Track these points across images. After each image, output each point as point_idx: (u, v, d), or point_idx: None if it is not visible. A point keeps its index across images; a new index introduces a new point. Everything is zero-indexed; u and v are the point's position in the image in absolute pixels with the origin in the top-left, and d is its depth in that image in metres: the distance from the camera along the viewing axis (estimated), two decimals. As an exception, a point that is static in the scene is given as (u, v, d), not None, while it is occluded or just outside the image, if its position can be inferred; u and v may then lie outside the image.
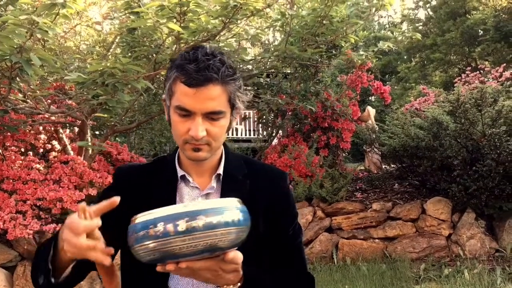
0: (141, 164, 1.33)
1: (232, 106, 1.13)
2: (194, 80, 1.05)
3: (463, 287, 4.19)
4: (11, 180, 4.58)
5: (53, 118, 5.04)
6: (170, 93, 1.11)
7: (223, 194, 1.18)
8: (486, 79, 8.31)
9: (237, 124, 12.87)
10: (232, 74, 1.10)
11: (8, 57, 3.33)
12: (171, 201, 1.18)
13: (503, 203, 4.97)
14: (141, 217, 0.87)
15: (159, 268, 0.88)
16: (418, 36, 6.85)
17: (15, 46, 3.33)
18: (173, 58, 1.14)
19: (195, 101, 1.06)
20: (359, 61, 6.12)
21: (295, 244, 1.26)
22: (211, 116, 1.08)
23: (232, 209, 0.89)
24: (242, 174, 1.23)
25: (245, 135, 13.05)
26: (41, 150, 5.30)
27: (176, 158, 1.24)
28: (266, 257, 1.19)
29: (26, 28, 3.24)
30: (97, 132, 7.17)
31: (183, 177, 1.21)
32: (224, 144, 1.26)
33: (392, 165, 7.24)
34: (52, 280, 1.07)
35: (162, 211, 0.85)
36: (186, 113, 1.08)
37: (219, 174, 1.21)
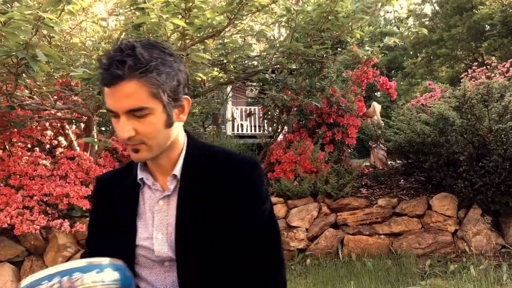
0: (118, 169, 1.31)
1: (160, 99, 1.02)
2: (105, 79, 1.00)
3: (469, 283, 4.18)
4: (18, 176, 4.62)
5: (59, 114, 5.07)
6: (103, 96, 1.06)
7: (180, 194, 1.12)
8: (492, 75, 8.26)
9: (241, 120, 12.88)
10: (144, 66, 0.99)
11: (14, 53, 3.34)
12: (134, 208, 1.15)
13: (510, 199, 4.94)
14: (23, 283, 0.90)
15: None
16: (424, 31, 6.80)
17: (21, 42, 3.34)
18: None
19: (114, 100, 1.01)
20: (365, 57, 6.09)
21: (264, 236, 1.15)
22: (134, 113, 1.01)
23: (102, 269, 0.94)
24: (204, 169, 1.14)
25: (251, 131, 13.07)
26: (48, 146, 5.33)
27: None
28: (241, 252, 1.12)
29: (32, 24, 3.25)
30: (103, 128, 7.20)
31: (142, 180, 1.16)
32: (190, 138, 1.18)
33: (398, 161, 7.22)
34: None
35: (36, 275, 0.90)
36: (114, 114, 1.03)
37: (175, 175, 1.13)
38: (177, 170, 1.13)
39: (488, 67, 9.16)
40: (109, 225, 1.18)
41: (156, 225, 1.13)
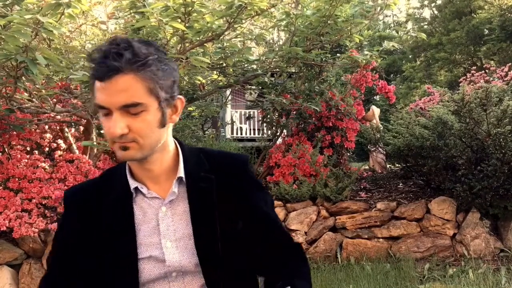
0: (89, 182, 1.22)
1: (156, 95, 0.99)
2: (100, 72, 0.95)
3: (467, 287, 4.18)
4: (16, 179, 4.62)
5: (58, 117, 5.07)
6: (92, 92, 1.00)
7: (191, 198, 1.10)
8: (491, 79, 8.28)
9: (242, 123, 12.89)
10: (142, 60, 0.97)
11: (13, 56, 3.35)
12: (130, 219, 1.08)
13: (508, 203, 4.95)
14: None
15: None
16: (423, 35, 6.83)
17: (21, 46, 3.35)
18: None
19: (106, 95, 0.95)
20: (364, 61, 6.11)
21: (272, 220, 1.21)
22: (128, 110, 0.96)
23: None
24: (205, 170, 1.13)
25: (250, 134, 13.08)
26: (47, 149, 5.33)
27: (127, 168, 1.12)
28: (256, 246, 1.15)
29: (31, 27, 3.26)
30: (102, 131, 7.19)
31: (136, 189, 1.10)
32: (179, 142, 1.16)
33: (397, 165, 7.22)
34: None
35: None
36: (105, 111, 0.98)
37: (180, 177, 1.11)
38: (181, 173, 1.11)
39: (487, 71, 9.19)
40: (97, 245, 1.08)
41: (163, 233, 1.08)
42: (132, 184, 1.10)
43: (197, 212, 1.09)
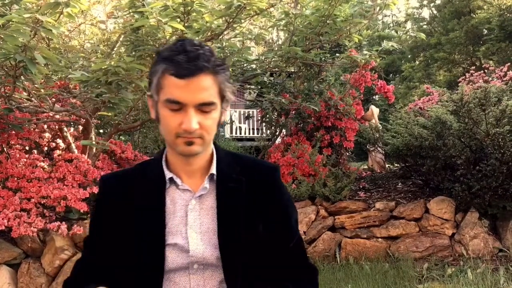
0: (125, 170, 1.29)
1: (222, 98, 1.10)
2: (185, 70, 1.02)
3: (466, 286, 4.19)
4: (15, 178, 4.61)
5: (57, 116, 5.07)
6: (158, 88, 1.07)
7: (219, 195, 1.16)
8: (490, 79, 8.28)
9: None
10: (222, 64, 1.08)
11: (12, 55, 3.35)
12: (161, 207, 1.14)
13: (507, 203, 4.95)
14: None
15: None
16: (422, 35, 6.83)
17: (20, 45, 3.35)
18: (158, 51, 1.12)
19: (187, 92, 1.03)
20: (363, 61, 6.11)
21: (295, 238, 1.23)
22: (203, 108, 1.05)
23: None
24: (236, 172, 1.19)
25: (249, 134, 13.09)
26: (46, 148, 5.32)
27: (164, 160, 1.19)
28: (268, 255, 1.18)
29: (30, 27, 3.25)
30: (101, 131, 7.19)
31: (171, 179, 1.16)
32: (214, 143, 1.22)
33: (396, 165, 7.23)
34: None
35: None
36: (177, 106, 1.04)
37: (212, 174, 1.17)
38: (214, 170, 1.17)
39: (486, 71, 9.18)
40: (128, 227, 1.14)
41: (190, 224, 1.14)
42: (168, 174, 1.16)
43: (223, 209, 1.15)
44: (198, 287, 1.13)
